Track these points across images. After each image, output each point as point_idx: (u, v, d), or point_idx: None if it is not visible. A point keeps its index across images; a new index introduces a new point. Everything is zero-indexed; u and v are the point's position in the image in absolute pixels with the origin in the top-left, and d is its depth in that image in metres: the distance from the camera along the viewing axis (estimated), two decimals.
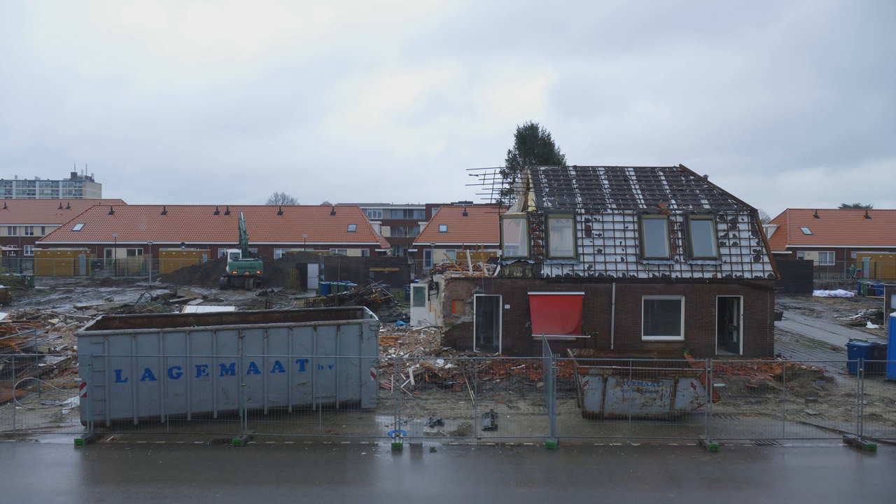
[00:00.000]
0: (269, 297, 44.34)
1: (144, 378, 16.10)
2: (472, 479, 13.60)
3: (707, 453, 14.81)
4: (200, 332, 16.52)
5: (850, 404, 18.49)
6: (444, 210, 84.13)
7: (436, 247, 73.11)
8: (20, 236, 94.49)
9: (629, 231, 24.22)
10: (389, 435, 15.72)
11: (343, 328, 17.56)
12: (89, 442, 15.32)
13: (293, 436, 15.76)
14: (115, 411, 16.03)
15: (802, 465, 14.50)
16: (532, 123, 71.81)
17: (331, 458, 14.51)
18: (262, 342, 16.83)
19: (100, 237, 73.64)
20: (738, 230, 24.31)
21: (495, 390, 19.95)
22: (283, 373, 17.02)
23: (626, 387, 16.62)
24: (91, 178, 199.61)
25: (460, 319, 24.06)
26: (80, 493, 13.14)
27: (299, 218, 78.58)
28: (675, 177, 26.66)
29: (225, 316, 20.61)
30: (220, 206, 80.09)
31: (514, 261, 23.99)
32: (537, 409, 18.25)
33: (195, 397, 16.48)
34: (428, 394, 19.63)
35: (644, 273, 23.76)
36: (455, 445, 15.34)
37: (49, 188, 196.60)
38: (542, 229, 24.18)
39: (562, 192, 25.67)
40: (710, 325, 23.76)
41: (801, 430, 16.56)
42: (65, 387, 20.26)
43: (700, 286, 23.76)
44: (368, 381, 17.76)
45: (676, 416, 16.82)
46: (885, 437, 15.86)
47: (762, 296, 23.87)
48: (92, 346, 15.78)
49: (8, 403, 18.14)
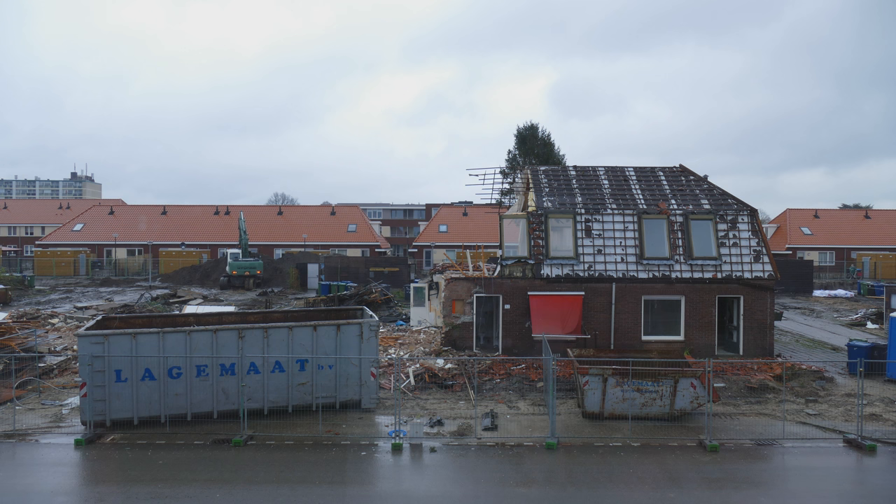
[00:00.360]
0: (269, 297, 44.33)
1: (144, 378, 16.11)
2: (472, 479, 13.60)
3: (707, 453, 14.81)
4: (200, 332, 16.52)
5: (850, 404, 18.48)
6: (444, 210, 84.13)
7: (436, 247, 73.11)
8: (20, 236, 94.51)
9: (629, 231, 24.23)
10: (389, 435, 15.72)
11: (343, 328, 17.56)
12: (89, 442, 15.32)
13: (293, 436, 15.76)
14: (115, 411, 16.03)
15: (802, 465, 14.50)
16: (532, 123, 71.83)
17: (331, 458, 14.51)
18: (262, 342, 16.83)
19: (100, 237, 73.64)
20: (738, 230, 24.31)
21: (495, 390, 19.95)
22: (283, 373, 17.02)
23: (626, 387, 16.62)
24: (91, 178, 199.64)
25: (460, 319, 24.06)
26: (80, 493, 13.14)
27: (299, 218, 78.59)
28: (675, 177, 26.66)
29: (225, 316, 20.61)
30: (220, 206, 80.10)
31: (514, 261, 23.99)
32: (537, 409, 18.25)
33: (195, 397, 16.48)
34: (428, 394, 19.63)
35: (644, 273, 23.77)
36: (455, 445, 15.34)
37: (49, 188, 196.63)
38: (542, 229, 24.18)
39: (562, 192, 25.67)
40: (710, 325, 23.76)
41: (801, 430, 16.56)
42: (65, 387, 20.26)
43: (700, 286, 23.76)
44: (368, 381, 17.76)
45: (676, 416, 16.82)
46: (885, 437, 15.86)
47: (762, 296, 23.88)
48: (92, 346, 15.79)
49: (8, 403, 18.14)
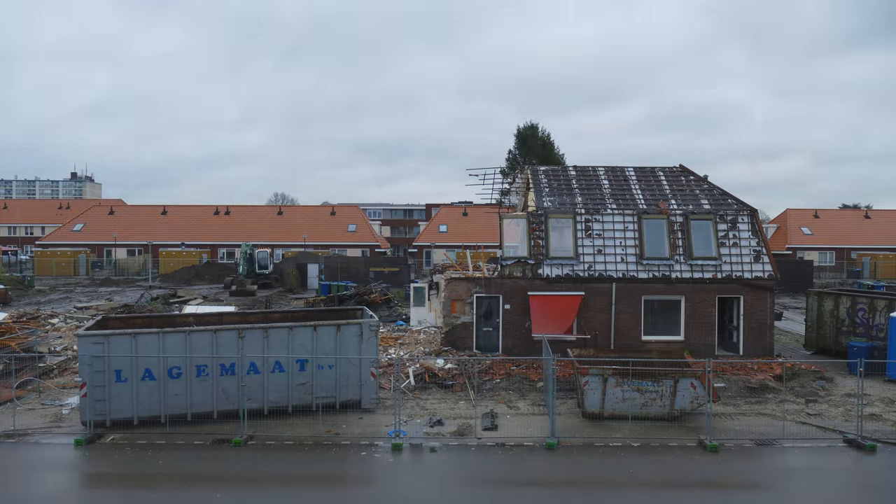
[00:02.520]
0: (269, 297, 44.33)
1: (144, 378, 16.10)
2: (472, 479, 13.60)
3: (707, 453, 14.81)
4: (200, 332, 16.52)
5: (850, 404, 18.48)
6: (444, 210, 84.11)
7: (436, 247, 73.07)
8: (20, 236, 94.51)
9: (629, 231, 24.23)
10: (389, 435, 15.71)
11: (343, 328, 17.56)
12: (89, 442, 15.31)
13: (293, 436, 15.76)
14: (115, 411, 16.02)
15: (802, 465, 14.50)
16: (532, 123, 71.83)
17: (331, 458, 14.51)
18: (262, 342, 16.83)
19: (100, 237, 73.60)
20: (738, 230, 24.31)
21: (495, 390, 19.95)
22: (283, 373, 17.02)
23: (626, 387, 16.62)
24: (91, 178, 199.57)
25: (460, 319, 24.06)
26: (80, 493, 13.15)
27: (299, 218, 78.60)
28: (675, 177, 26.66)
29: (225, 316, 20.62)
30: (220, 206, 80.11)
31: (514, 261, 23.99)
32: (537, 409, 18.25)
33: (195, 397, 16.48)
34: (428, 394, 19.63)
35: (644, 273, 23.77)
36: (455, 445, 15.33)
37: (49, 188, 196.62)
38: (542, 229, 24.18)
39: (562, 192, 25.68)
40: (710, 325, 23.77)
41: (801, 430, 16.56)
42: (65, 387, 20.26)
43: (700, 286, 23.76)
44: (368, 381, 17.76)
45: (676, 416, 16.81)
46: (885, 437, 15.86)
47: (762, 296, 23.88)
48: (92, 346, 15.78)
49: (8, 403, 18.12)
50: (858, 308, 24.42)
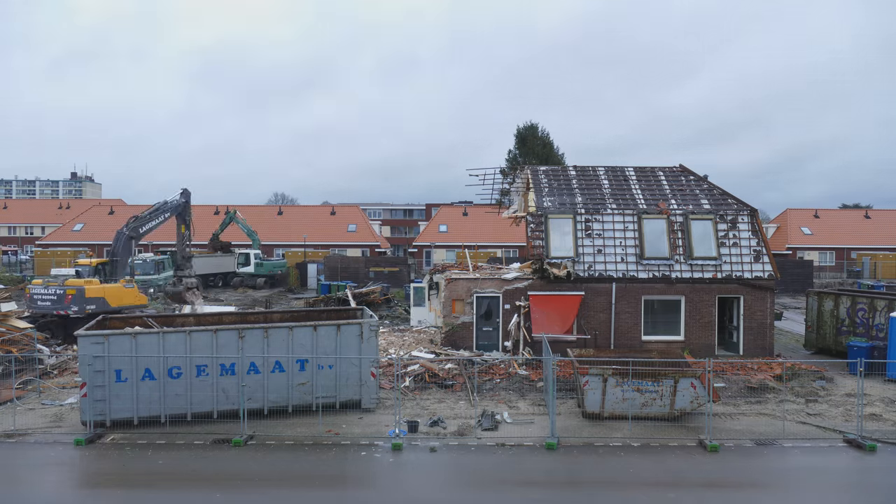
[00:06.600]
0: (269, 297, 44.32)
1: (144, 378, 16.10)
2: (472, 479, 13.59)
3: (707, 453, 14.81)
4: (200, 332, 16.52)
5: (850, 404, 18.47)
6: (444, 210, 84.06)
7: (436, 247, 73.03)
8: (20, 236, 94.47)
9: (629, 231, 24.22)
10: (389, 435, 15.71)
11: (343, 328, 17.56)
12: (89, 442, 15.31)
13: (293, 436, 15.76)
14: (115, 411, 16.02)
15: (802, 464, 14.49)
16: (532, 123, 71.78)
17: (331, 458, 14.51)
18: (262, 342, 16.83)
19: (100, 237, 73.45)
20: (738, 230, 24.30)
21: (495, 390, 19.94)
22: (284, 373, 17.01)
23: (626, 387, 16.61)
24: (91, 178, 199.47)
25: (460, 319, 24.05)
26: (79, 492, 13.15)
27: (299, 218, 78.54)
28: (675, 177, 26.66)
29: (225, 316, 20.62)
30: (220, 206, 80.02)
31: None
32: (537, 409, 18.24)
33: (195, 397, 16.47)
34: (428, 394, 19.63)
35: (644, 273, 23.76)
36: (455, 445, 15.33)
37: (49, 188, 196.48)
38: (542, 229, 24.17)
39: (562, 192, 25.67)
40: (710, 325, 23.76)
41: (802, 430, 16.56)
42: (65, 387, 20.25)
43: (700, 286, 23.75)
44: (368, 381, 17.76)
45: (676, 416, 16.81)
46: (885, 437, 15.86)
47: (762, 296, 23.87)
48: (92, 346, 15.78)
49: (8, 403, 18.13)
50: (858, 308, 24.42)
